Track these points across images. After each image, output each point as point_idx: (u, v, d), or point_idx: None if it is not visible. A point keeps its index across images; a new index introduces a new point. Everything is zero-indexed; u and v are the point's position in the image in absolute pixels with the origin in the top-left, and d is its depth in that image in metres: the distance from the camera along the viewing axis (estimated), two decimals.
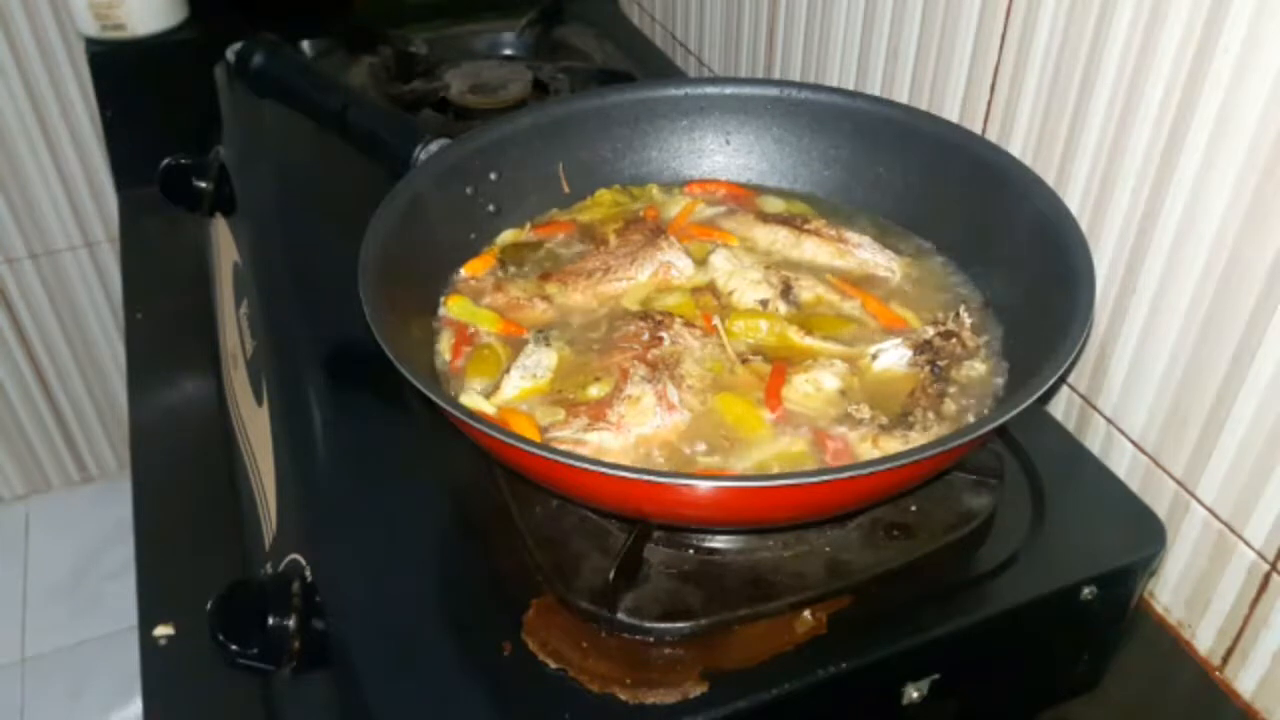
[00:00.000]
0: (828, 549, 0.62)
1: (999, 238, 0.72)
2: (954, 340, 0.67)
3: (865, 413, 0.63)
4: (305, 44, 1.22)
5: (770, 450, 0.62)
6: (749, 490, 0.53)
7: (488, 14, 1.32)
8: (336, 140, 0.89)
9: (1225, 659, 0.69)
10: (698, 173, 0.86)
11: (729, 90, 0.84)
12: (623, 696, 0.54)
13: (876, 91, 0.93)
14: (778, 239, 0.78)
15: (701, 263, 0.76)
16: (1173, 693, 0.72)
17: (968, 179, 0.74)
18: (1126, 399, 0.73)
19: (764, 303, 0.72)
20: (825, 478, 0.51)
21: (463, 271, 0.76)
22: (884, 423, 0.62)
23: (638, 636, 0.57)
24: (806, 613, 0.59)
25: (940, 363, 0.66)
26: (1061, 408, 0.80)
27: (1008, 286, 0.71)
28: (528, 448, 0.52)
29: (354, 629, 0.60)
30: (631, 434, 0.61)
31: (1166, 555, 0.72)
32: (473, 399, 0.65)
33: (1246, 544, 0.66)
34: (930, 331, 0.68)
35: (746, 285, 0.73)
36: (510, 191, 0.81)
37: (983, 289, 0.73)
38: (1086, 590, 0.62)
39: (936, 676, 0.60)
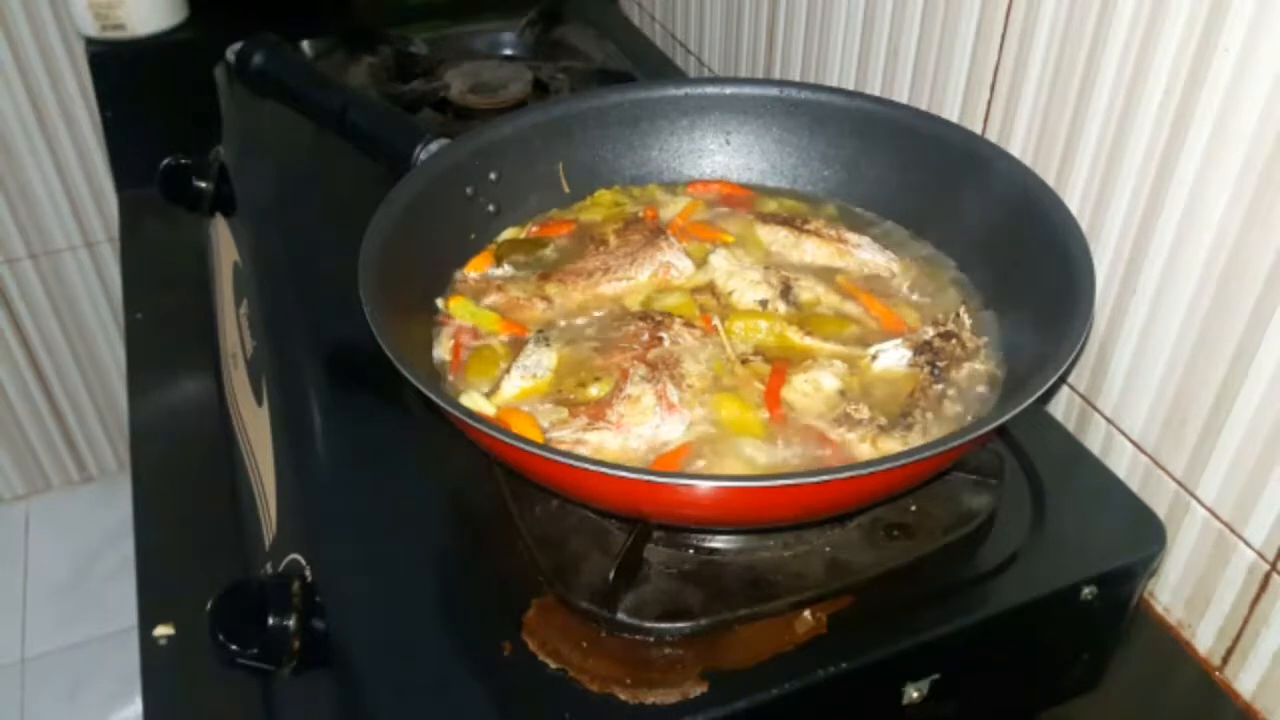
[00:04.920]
0: (828, 549, 0.62)
1: (999, 238, 0.72)
2: (954, 341, 0.67)
3: (864, 413, 0.63)
4: (305, 44, 1.22)
5: (769, 450, 0.62)
6: (749, 490, 0.53)
7: (488, 14, 1.32)
8: (336, 140, 0.89)
9: (1225, 659, 0.69)
10: (698, 173, 0.86)
11: (729, 90, 0.84)
12: (623, 696, 0.54)
13: (876, 91, 0.93)
14: (777, 239, 0.78)
15: (701, 263, 0.76)
16: (1173, 693, 0.72)
17: (967, 179, 0.74)
18: (1126, 399, 0.73)
19: (763, 303, 0.72)
20: (825, 478, 0.51)
21: (463, 271, 0.76)
22: (883, 423, 0.62)
23: (638, 636, 0.57)
24: (806, 613, 0.59)
25: (940, 363, 0.66)
26: (1061, 408, 0.80)
27: (1008, 287, 0.71)
28: (528, 448, 0.52)
29: (354, 629, 0.60)
30: (631, 434, 0.61)
31: (1166, 555, 0.72)
32: (473, 399, 0.65)
33: (1246, 544, 0.66)
34: (930, 332, 0.68)
35: (746, 285, 0.73)
36: (510, 191, 0.81)
37: (983, 290, 0.73)
38: (1086, 590, 0.62)
39: (936, 676, 0.60)
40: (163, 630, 0.77)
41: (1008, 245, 0.71)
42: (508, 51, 1.28)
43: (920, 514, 0.64)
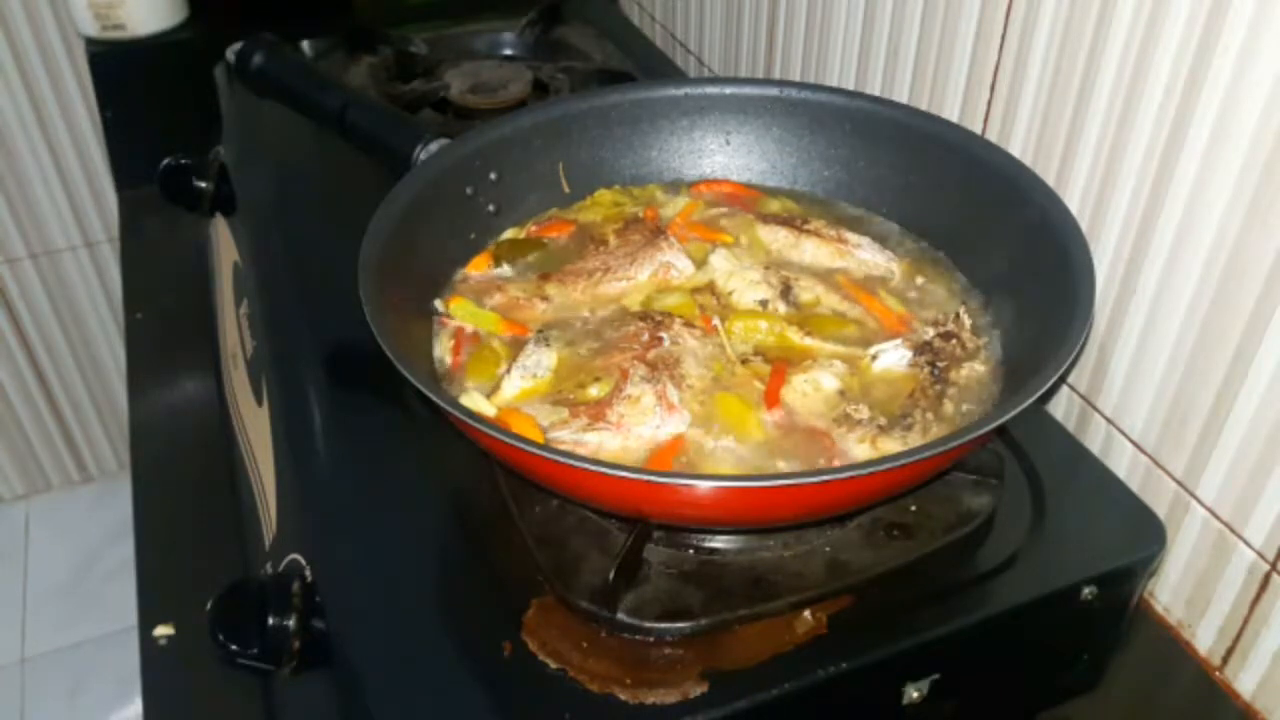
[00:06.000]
0: (828, 549, 0.62)
1: (999, 238, 0.72)
2: (953, 341, 0.67)
3: (864, 413, 0.63)
4: (305, 44, 1.22)
5: (769, 450, 0.62)
6: (749, 490, 0.53)
7: (488, 14, 1.32)
8: (336, 140, 0.89)
9: (1225, 659, 0.69)
10: (697, 173, 0.86)
11: (729, 90, 0.84)
12: (623, 696, 0.54)
13: (876, 91, 0.93)
14: (777, 239, 0.78)
15: (701, 263, 0.76)
16: (1173, 693, 0.72)
17: (968, 179, 0.74)
18: (1126, 399, 0.73)
19: (763, 303, 0.72)
20: (825, 478, 0.51)
21: (463, 271, 0.76)
22: (882, 423, 0.62)
23: (638, 636, 0.57)
24: (806, 613, 0.59)
25: (940, 364, 0.66)
26: (1061, 408, 0.80)
27: (1008, 287, 0.71)
28: (528, 448, 0.52)
29: (354, 629, 0.60)
30: (631, 434, 0.61)
31: (1166, 555, 0.72)
32: (473, 399, 0.65)
33: (1246, 544, 0.66)
34: (930, 332, 0.68)
35: (746, 285, 0.73)
36: (510, 191, 0.81)
37: (983, 290, 0.73)
38: (1086, 590, 0.62)
39: (936, 676, 0.60)
40: (163, 630, 0.77)
41: (1007, 245, 0.71)
42: (508, 51, 1.28)
43: (920, 514, 0.64)
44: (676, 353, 0.67)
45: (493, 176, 0.80)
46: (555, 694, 0.55)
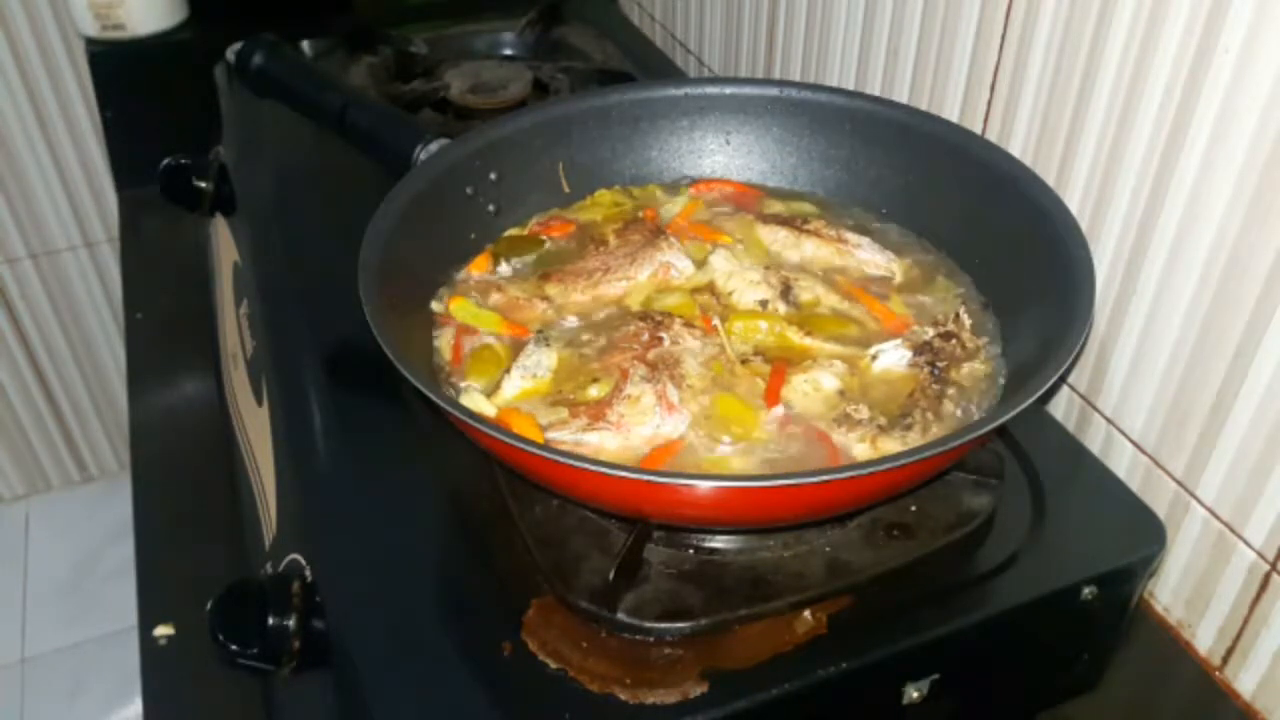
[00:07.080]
0: (828, 549, 0.62)
1: (999, 238, 0.72)
2: (954, 341, 0.67)
3: (864, 413, 0.63)
4: (305, 44, 1.22)
5: (769, 450, 0.62)
6: (749, 490, 0.53)
7: (488, 14, 1.32)
8: (336, 140, 0.89)
9: (1225, 659, 0.69)
10: (697, 173, 0.86)
11: (729, 90, 0.84)
12: (623, 696, 0.54)
13: (876, 91, 0.93)
14: (777, 239, 0.78)
15: (701, 263, 0.76)
16: (1173, 693, 0.72)
17: (967, 179, 0.74)
18: (1126, 399, 0.73)
19: (763, 303, 0.72)
20: (825, 478, 0.51)
21: (464, 271, 0.76)
22: (882, 423, 0.62)
23: (638, 636, 0.57)
24: (806, 613, 0.59)
25: (940, 364, 0.66)
26: (1061, 408, 0.80)
27: (1008, 287, 0.71)
28: (528, 448, 0.52)
29: (354, 629, 0.60)
30: (631, 434, 0.61)
31: (1166, 555, 0.72)
32: (473, 399, 0.65)
33: (1246, 544, 0.66)
34: (930, 332, 0.68)
35: (746, 285, 0.73)
36: (510, 191, 0.81)
37: (983, 289, 0.73)
38: (1086, 590, 0.62)
39: (936, 676, 0.60)
40: (163, 630, 0.77)
41: (1007, 245, 0.71)
42: (508, 51, 1.28)
43: (920, 514, 0.64)
44: (676, 353, 0.67)
45: (493, 176, 0.80)
46: (555, 694, 0.55)
